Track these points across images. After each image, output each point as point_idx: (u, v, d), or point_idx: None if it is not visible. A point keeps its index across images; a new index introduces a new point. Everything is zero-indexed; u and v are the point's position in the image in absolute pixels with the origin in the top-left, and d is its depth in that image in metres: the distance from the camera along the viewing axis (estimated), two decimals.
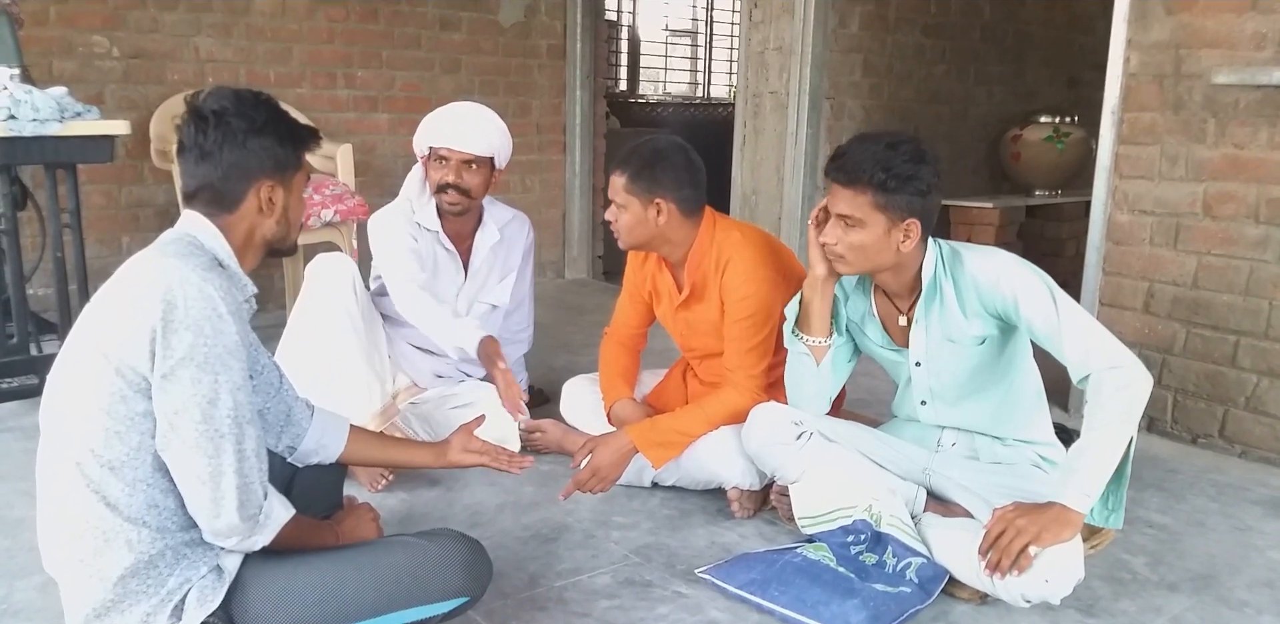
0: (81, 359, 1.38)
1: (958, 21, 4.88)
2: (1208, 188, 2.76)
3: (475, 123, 2.61)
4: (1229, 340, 2.76)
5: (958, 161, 5.07)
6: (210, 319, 1.35)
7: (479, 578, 1.56)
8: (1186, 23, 2.75)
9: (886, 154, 1.80)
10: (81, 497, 1.35)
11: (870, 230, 1.84)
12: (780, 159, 4.24)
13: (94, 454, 1.34)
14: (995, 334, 1.92)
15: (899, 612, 1.78)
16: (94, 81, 3.84)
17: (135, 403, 1.34)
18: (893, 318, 2.02)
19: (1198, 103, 2.75)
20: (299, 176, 1.57)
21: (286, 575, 1.45)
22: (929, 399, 2.04)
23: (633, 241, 2.33)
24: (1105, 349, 1.78)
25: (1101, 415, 1.72)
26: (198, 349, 1.33)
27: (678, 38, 8.41)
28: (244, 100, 1.50)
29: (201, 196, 1.50)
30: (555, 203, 5.32)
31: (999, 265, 1.87)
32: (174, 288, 1.35)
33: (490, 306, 2.78)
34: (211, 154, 1.47)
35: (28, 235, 3.16)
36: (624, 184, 2.25)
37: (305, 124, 1.60)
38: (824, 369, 2.06)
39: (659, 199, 2.24)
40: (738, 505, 2.28)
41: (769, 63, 4.24)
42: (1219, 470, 2.66)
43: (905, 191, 1.81)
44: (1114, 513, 1.77)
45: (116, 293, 1.40)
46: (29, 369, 2.88)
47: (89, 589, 1.37)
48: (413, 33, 4.65)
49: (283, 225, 1.56)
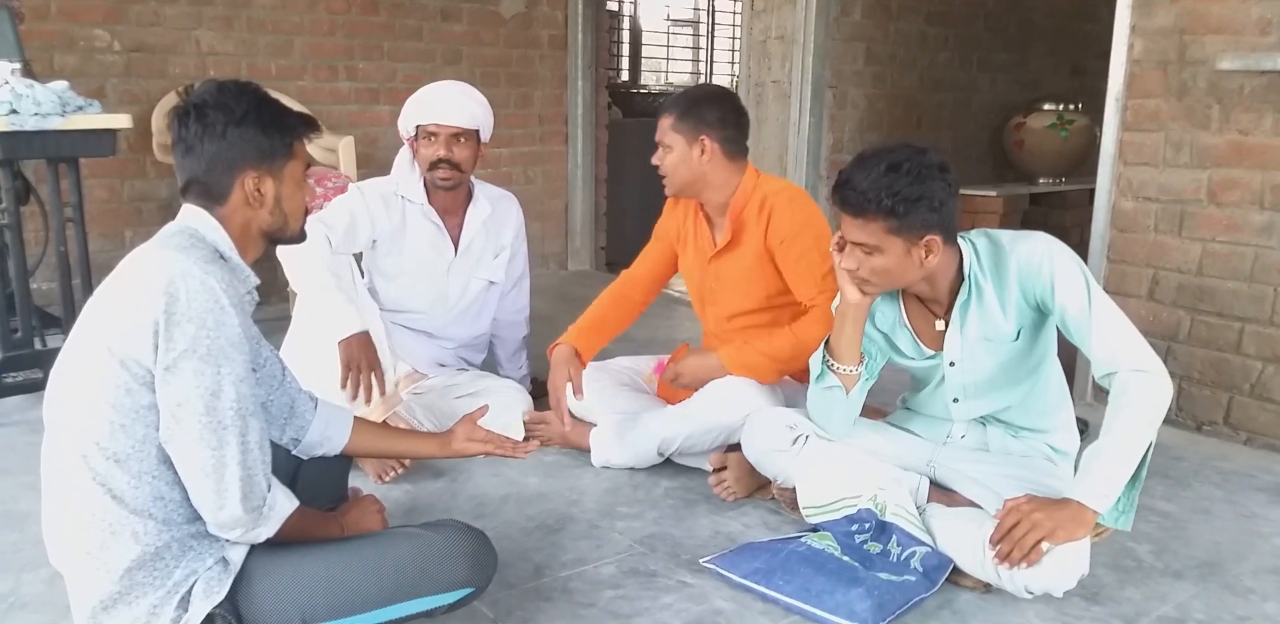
0: (85, 353, 1.38)
1: (961, 9, 4.86)
2: (1212, 174, 2.75)
3: (457, 97, 2.63)
4: (1234, 327, 2.75)
5: (961, 150, 5.05)
6: (212, 311, 1.35)
7: (484, 569, 1.56)
8: (1191, 9, 2.73)
9: (890, 178, 1.73)
10: (87, 489, 1.36)
11: (889, 254, 1.79)
12: (783, 148, 4.23)
13: (99, 447, 1.35)
14: (1029, 326, 1.89)
15: (903, 600, 1.78)
16: (95, 75, 3.84)
17: (140, 396, 1.34)
18: (927, 323, 1.97)
19: (1202, 89, 2.74)
20: (292, 165, 1.54)
21: (292, 567, 1.46)
22: (962, 397, 2.01)
23: (678, 183, 2.38)
24: (1134, 350, 1.77)
25: (1125, 418, 1.71)
26: (200, 341, 1.33)
27: (679, 27, 8.38)
28: (226, 91, 1.50)
29: (192, 190, 1.50)
30: (558, 194, 5.32)
31: (1042, 248, 1.83)
32: (176, 280, 1.35)
33: (487, 282, 2.79)
34: (194, 147, 1.48)
35: (31, 230, 3.17)
36: (671, 123, 2.33)
37: (297, 112, 1.57)
38: (853, 397, 2.02)
39: (704, 136, 2.31)
40: (722, 488, 2.28)
41: (771, 52, 4.23)
42: (1224, 458, 2.66)
43: (917, 212, 1.75)
44: (1124, 515, 1.76)
45: (119, 286, 1.40)
46: (33, 363, 2.89)
47: (95, 582, 1.37)
48: (414, 24, 4.64)
49: (278, 215, 1.54)
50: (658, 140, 2.37)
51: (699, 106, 2.33)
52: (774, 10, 4.17)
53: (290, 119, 1.54)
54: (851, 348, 1.97)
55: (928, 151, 1.79)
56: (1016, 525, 1.69)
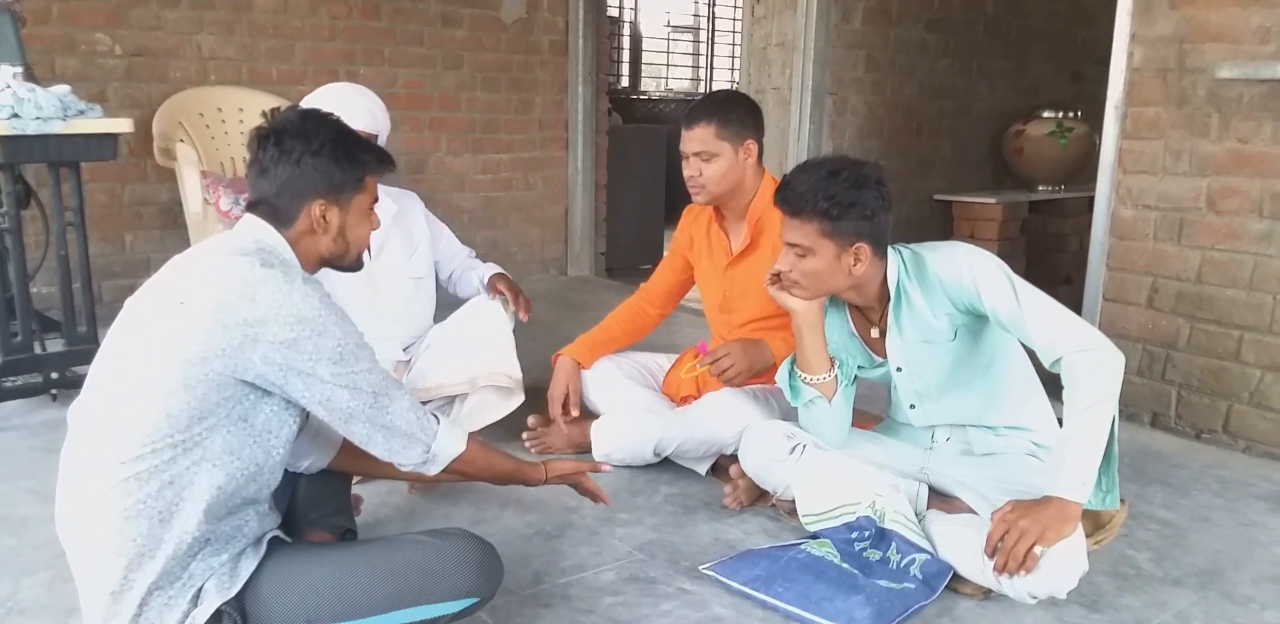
0: (148, 353, 1.40)
1: (960, 16, 4.88)
2: (1211, 183, 2.76)
3: (355, 98, 2.57)
4: (1233, 336, 2.76)
5: (960, 157, 5.07)
6: (338, 322, 1.47)
7: (490, 578, 1.57)
8: (1190, 17, 2.74)
9: (827, 182, 1.84)
10: (142, 481, 1.37)
11: (820, 257, 1.88)
12: (783, 155, 4.24)
13: (165, 440, 1.37)
14: (964, 326, 1.93)
15: (903, 608, 1.78)
16: (96, 79, 3.85)
17: (226, 390, 1.40)
18: (867, 331, 2.05)
19: (1201, 97, 2.75)
20: (360, 198, 1.61)
21: (301, 568, 1.47)
22: (917, 402, 2.05)
23: (720, 191, 2.37)
24: (1071, 332, 1.79)
25: (1080, 399, 1.72)
26: (327, 351, 1.45)
27: (680, 33, 8.40)
28: (307, 121, 1.58)
29: (261, 209, 1.57)
30: (558, 199, 5.32)
31: (958, 259, 1.89)
32: (297, 303, 1.42)
33: (414, 280, 2.71)
34: (268, 170, 1.54)
35: (31, 234, 3.17)
36: (715, 131, 2.32)
37: (373, 147, 1.64)
38: (837, 404, 2.06)
39: (749, 139, 2.33)
40: (732, 498, 2.29)
41: (771, 58, 4.24)
42: (1223, 466, 2.66)
43: (850, 217, 1.84)
44: (1109, 494, 1.76)
45: (208, 298, 1.41)
46: (33, 367, 2.89)
47: (116, 571, 1.38)
48: (415, 30, 4.65)
49: (340, 243, 1.61)
50: (695, 151, 2.34)
51: (736, 111, 2.34)
52: (774, 17, 4.18)
53: (364, 154, 1.60)
54: (818, 356, 2.02)
55: (867, 164, 1.89)
56: (1006, 535, 1.69)
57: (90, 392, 1.45)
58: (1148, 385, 2.97)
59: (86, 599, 1.43)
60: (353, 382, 1.47)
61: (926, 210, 4.82)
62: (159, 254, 4.07)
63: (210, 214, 3.60)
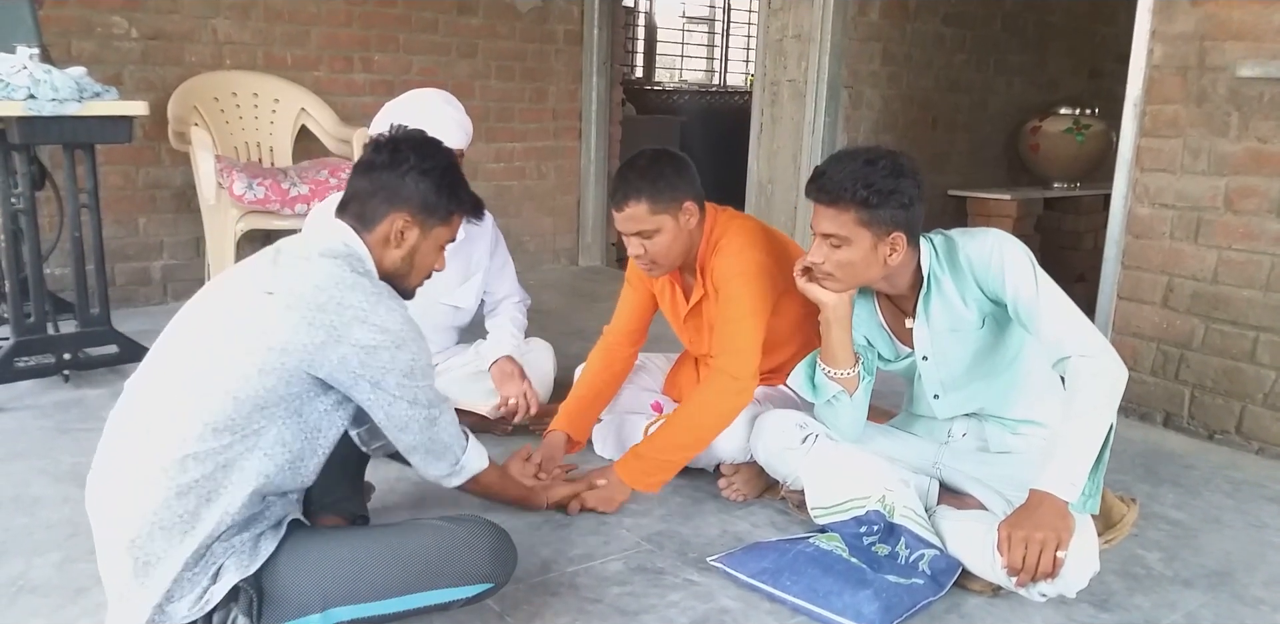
0: (228, 341, 1.45)
1: (979, 10, 4.84)
2: (1230, 182, 2.74)
3: (444, 108, 2.54)
4: (1248, 336, 2.74)
5: (976, 152, 5.04)
6: (416, 339, 1.56)
7: (504, 564, 1.58)
8: (1212, 14, 2.72)
9: (866, 170, 1.80)
10: (201, 460, 1.40)
11: (856, 247, 1.83)
12: (797, 148, 4.22)
13: (231, 420, 1.42)
14: (992, 315, 1.92)
15: (911, 603, 1.77)
16: (112, 62, 3.85)
17: (295, 385, 1.46)
18: (899, 322, 2.01)
19: (1222, 96, 2.72)
20: (441, 230, 1.67)
21: (319, 550, 1.49)
22: (941, 392, 2.03)
23: (672, 261, 2.22)
24: (1079, 335, 1.78)
25: (1079, 403, 1.72)
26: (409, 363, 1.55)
27: (695, 25, 8.37)
28: (430, 144, 1.65)
29: (350, 208, 1.61)
30: (570, 189, 5.32)
31: (989, 242, 1.87)
32: (383, 314, 1.50)
33: (453, 308, 2.72)
34: (374, 171, 1.60)
35: (46, 215, 3.18)
36: (648, 208, 2.13)
37: (475, 198, 1.71)
38: (858, 399, 2.03)
39: (686, 201, 2.17)
40: (731, 490, 2.28)
41: (787, 50, 4.21)
42: (1235, 467, 2.65)
43: (888, 206, 1.80)
44: (1090, 499, 1.75)
45: (296, 296, 1.46)
46: (46, 348, 2.90)
47: (177, 544, 1.40)
48: (430, 17, 4.64)
49: (406, 263, 1.65)
50: (634, 231, 2.16)
51: (664, 177, 2.14)
52: (791, 8, 4.16)
53: (465, 194, 1.68)
54: (844, 350, 1.99)
55: (902, 154, 1.86)
56: (1025, 553, 1.67)
57: (154, 368, 1.49)
58: (1161, 385, 2.96)
59: (110, 569, 1.44)
60: (415, 395, 1.56)
61: (940, 206, 4.79)
62: (172, 237, 4.09)
63: (224, 198, 3.60)
